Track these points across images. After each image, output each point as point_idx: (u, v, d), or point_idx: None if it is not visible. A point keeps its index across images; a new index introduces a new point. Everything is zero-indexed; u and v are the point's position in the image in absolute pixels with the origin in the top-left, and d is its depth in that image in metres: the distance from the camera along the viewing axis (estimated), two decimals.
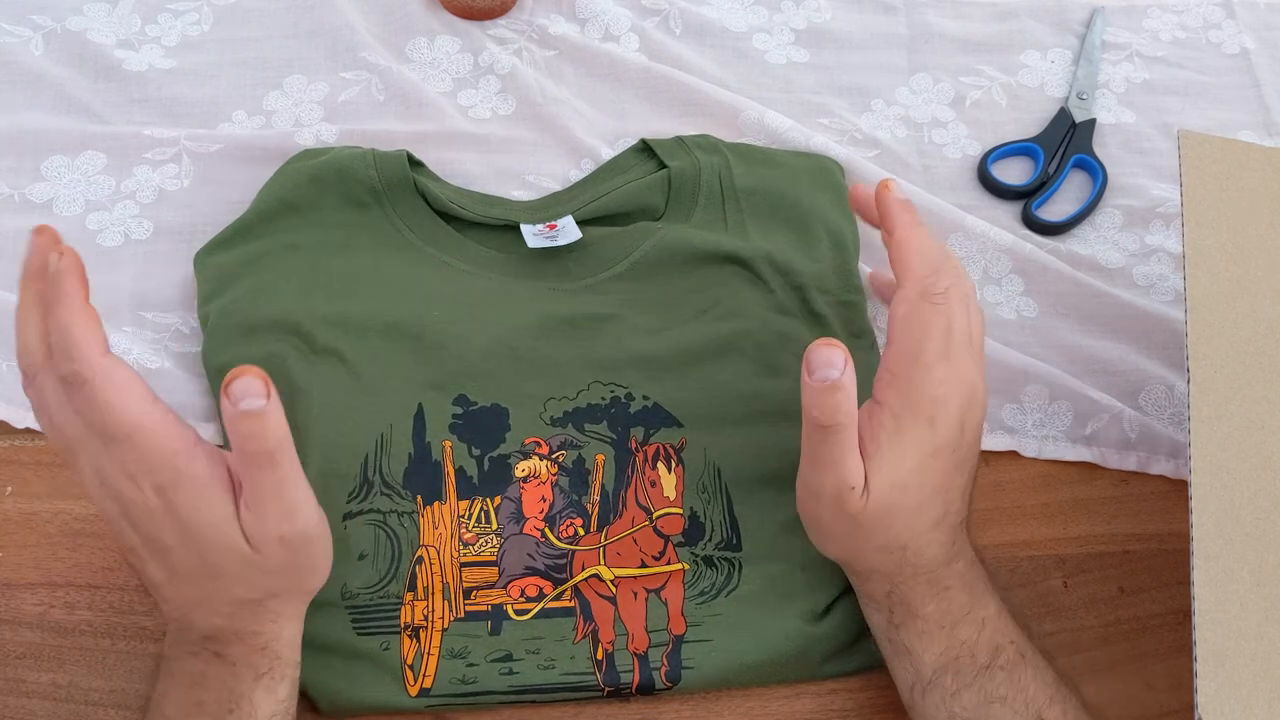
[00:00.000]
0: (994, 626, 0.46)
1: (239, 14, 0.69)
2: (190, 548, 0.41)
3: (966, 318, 0.47)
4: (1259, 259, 0.49)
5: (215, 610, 0.43)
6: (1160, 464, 0.59)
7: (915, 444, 0.45)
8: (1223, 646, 0.40)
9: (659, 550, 0.53)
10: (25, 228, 0.61)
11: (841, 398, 0.43)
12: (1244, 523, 0.43)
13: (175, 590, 0.43)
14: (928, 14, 0.73)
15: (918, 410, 0.45)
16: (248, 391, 0.39)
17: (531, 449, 0.55)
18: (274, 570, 0.43)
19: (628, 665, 0.50)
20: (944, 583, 0.47)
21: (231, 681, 0.43)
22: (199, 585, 0.43)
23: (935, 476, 0.46)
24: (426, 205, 0.60)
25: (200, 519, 0.41)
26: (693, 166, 0.62)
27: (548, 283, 0.59)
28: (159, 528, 0.41)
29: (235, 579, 0.42)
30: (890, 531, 0.46)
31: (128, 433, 0.39)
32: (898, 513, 0.46)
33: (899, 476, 0.45)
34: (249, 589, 0.43)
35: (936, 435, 0.45)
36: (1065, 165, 0.67)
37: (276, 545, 0.42)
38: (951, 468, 0.46)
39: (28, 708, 0.49)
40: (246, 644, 0.44)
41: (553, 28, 0.70)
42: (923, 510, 0.46)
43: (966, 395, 0.46)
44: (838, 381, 0.42)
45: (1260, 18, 0.75)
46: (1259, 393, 0.46)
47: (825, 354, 0.43)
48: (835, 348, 0.43)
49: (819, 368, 0.43)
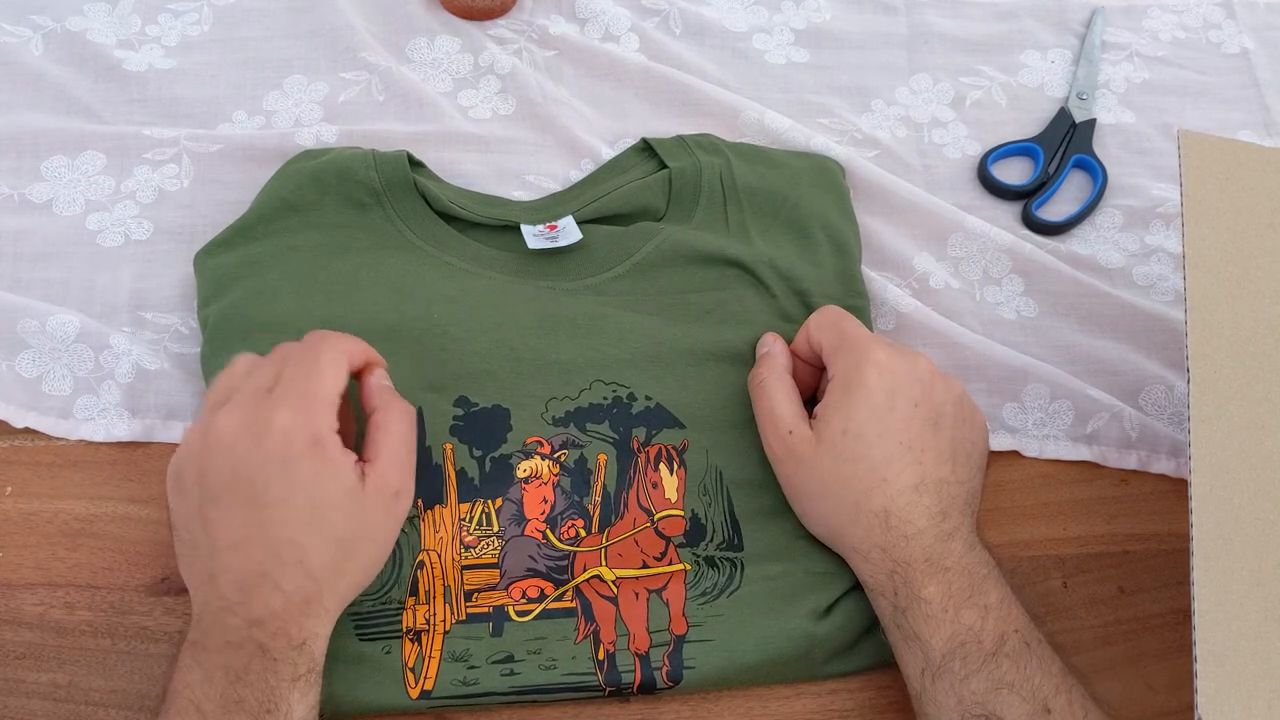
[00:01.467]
0: (998, 614, 0.47)
1: (239, 14, 0.69)
2: (299, 498, 0.45)
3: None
4: (1259, 259, 0.49)
5: (279, 586, 0.44)
6: (1160, 463, 0.59)
7: (863, 393, 0.50)
8: (1223, 646, 0.40)
9: (660, 551, 0.53)
10: (25, 228, 0.61)
11: (767, 358, 0.54)
12: (1244, 523, 0.43)
13: (244, 556, 0.44)
14: (928, 14, 0.73)
15: (861, 363, 0.50)
16: (380, 376, 0.51)
17: (533, 449, 0.55)
18: (359, 537, 0.46)
19: (629, 665, 0.50)
20: (942, 563, 0.48)
21: (273, 680, 0.43)
22: (277, 549, 0.44)
23: (898, 428, 0.49)
24: (427, 206, 0.60)
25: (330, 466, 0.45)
26: (694, 167, 0.62)
27: (548, 282, 0.59)
28: (278, 477, 0.45)
29: (321, 542, 0.45)
30: (860, 484, 0.49)
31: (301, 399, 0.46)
32: (859, 463, 0.49)
33: (850, 424, 0.49)
34: (322, 561, 0.45)
35: (886, 382, 0.50)
36: (1065, 165, 0.67)
37: (391, 497, 0.47)
38: (920, 425, 0.50)
39: (27, 708, 0.50)
40: (290, 637, 0.44)
41: (553, 28, 0.69)
42: (891, 463, 0.49)
43: (917, 363, 0.51)
44: (767, 351, 0.55)
45: (1260, 18, 0.75)
46: (1259, 392, 0.46)
47: (763, 338, 0.56)
48: (770, 334, 0.56)
49: (758, 349, 0.56)
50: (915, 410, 0.50)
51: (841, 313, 0.54)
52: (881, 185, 0.64)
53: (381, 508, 0.47)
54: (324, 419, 0.46)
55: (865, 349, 0.51)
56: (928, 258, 0.63)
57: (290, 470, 0.45)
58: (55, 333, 0.57)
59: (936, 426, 0.50)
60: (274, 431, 0.45)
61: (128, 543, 0.53)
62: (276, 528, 0.45)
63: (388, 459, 0.48)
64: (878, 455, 0.49)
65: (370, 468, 0.47)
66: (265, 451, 0.45)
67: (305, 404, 0.46)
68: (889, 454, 0.49)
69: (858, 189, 0.65)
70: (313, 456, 0.45)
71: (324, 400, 0.46)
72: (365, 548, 0.47)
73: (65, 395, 0.56)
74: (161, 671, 0.50)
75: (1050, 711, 0.44)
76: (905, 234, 0.64)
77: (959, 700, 0.45)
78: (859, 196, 0.64)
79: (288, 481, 0.45)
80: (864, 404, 0.50)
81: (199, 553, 0.46)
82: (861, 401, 0.50)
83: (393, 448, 0.48)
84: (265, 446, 0.45)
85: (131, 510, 0.54)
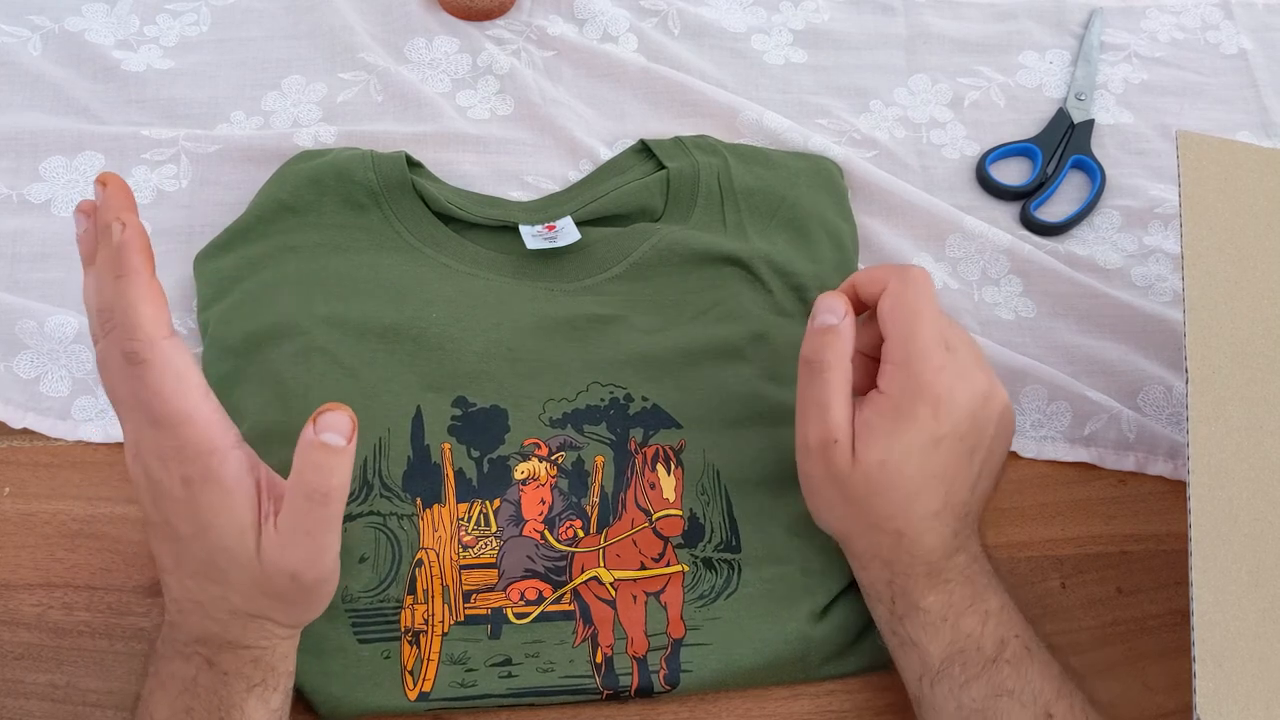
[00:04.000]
0: (998, 619, 0.46)
1: (237, 15, 0.69)
2: (200, 545, 0.41)
3: (950, 323, 0.48)
4: (1257, 259, 0.49)
5: (210, 615, 0.43)
6: (1158, 464, 0.59)
7: (914, 429, 0.45)
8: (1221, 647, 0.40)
9: (658, 552, 0.53)
10: (23, 228, 0.61)
11: (833, 339, 0.46)
12: (1242, 523, 0.43)
13: (178, 580, 0.43)
14: (926, 15, 0.73)
15: (918, 395, 0.45)
16: (334, 426, 0.39)
17: (531, 450, 0.55)
18: (274, 595, 0.42)
19: (626, 669, 0.50)
20: (943, 575, 0.47)
21: (223, 691, 0.43)
22: (201, 584, 0.42)
23: (937, 464, 0.46)
24: (425, 207, 0.60)
25: (217, 522, 0.40)
26: (691, 167, 0.62)
27: (546, 283, 0.59)
28: (177, 516, 0.41)
29: (235, 589, 0.42)
30: (883, 510, 0.46)
31: (171, 420, 0.39)
32: (889, 494, 0.46)
33: (890, 457, 0.45)
34: (246, 603, 0.42)
35: (940, 424, 0.45)
36: (1063, 166, 0.67)
37: (287, 578, 0.41)
38: (959, 457, 0.46)
39: (26, 709, 0.49)
40: (239, 655, 0.43)
41: (551, 28, 0.69)
42: (920, 496, 0.46)
43: (975, 388, 0.46)
44: (835, 327, 0.46)
45: (1258, 18, 0.75)
46: (1257, 393, 0.46)
47: (828, 301, 0.46)
48: (839, 298, 0.46)
49: (820, 313, 0.46)
50: (959, 444, 0.46)
51: (914, 311, 0.46)
52: (880, 186, 0.64)
53: (278, 580, 0.41)
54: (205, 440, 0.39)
55: (926, 379, 0.45)
56: (926, 258, 0.63)
57: (191, 505, 0.40)
58: (54, 333, 0.57)
59: (972, 454, 0.47)
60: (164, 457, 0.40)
61: (126, 544, 0.53)
62: (193, 565, 0.42)
63: (286, 534, 0.40)
64: (910, 487, 0.46)
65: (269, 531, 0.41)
66: (162, 477, 0.40)
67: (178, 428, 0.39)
68: (921, 486, 0.46)
69: (856, 189, 0.65)
70: (206, 489, 0.40)
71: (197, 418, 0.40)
72: (288, 599, 0.42)
73: (64, 396, 0.56)
74: None
75: (1051, 717, 0.44)
76: (904, 234, 0.64)
77: (959, 706, 0.45)
78: (857, 197, 0.65)
79: (191, 518, 0.40)
80: (909, 441, 0.45)
81: (156, 559, 0.44)
82: (909, 438, 0.45)
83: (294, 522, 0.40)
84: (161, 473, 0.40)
85: (130, 511, 0.54)
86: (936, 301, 0.47)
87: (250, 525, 0.40)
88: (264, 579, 0.41)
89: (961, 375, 0.46)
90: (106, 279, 0.39)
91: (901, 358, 0.46)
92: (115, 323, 0.39)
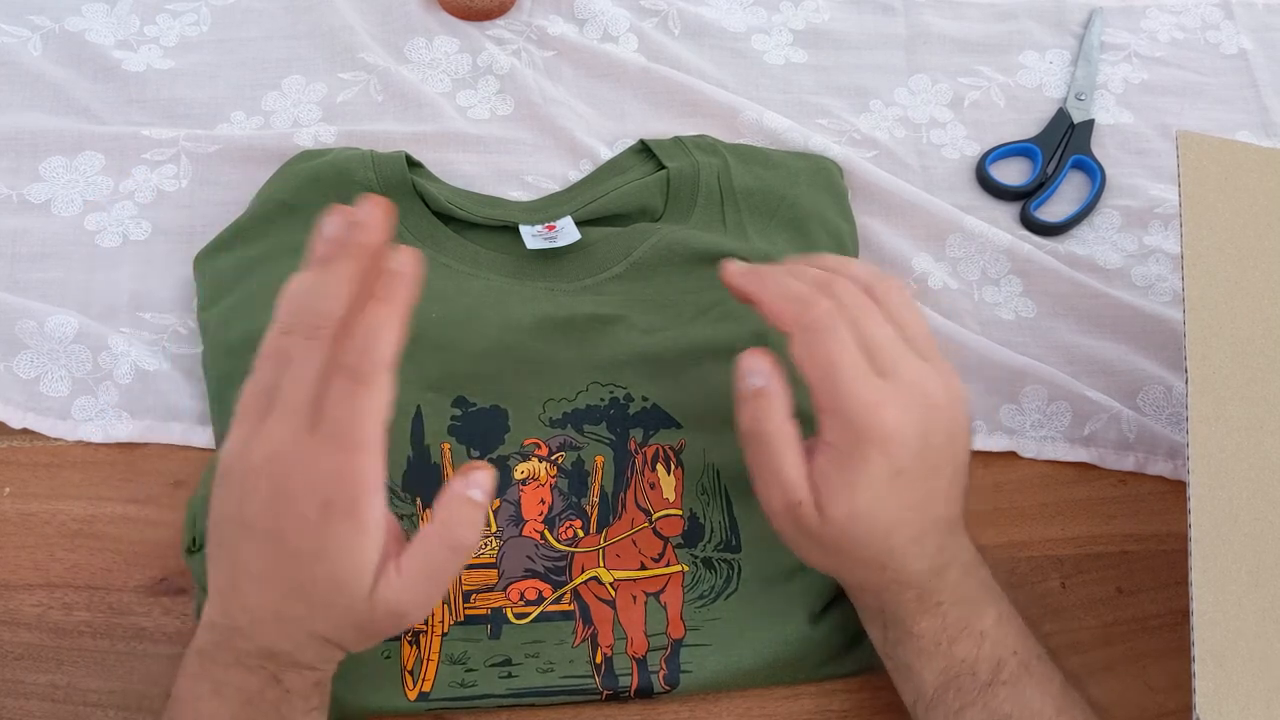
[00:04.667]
0: (994, 639, 0.46)
1: (237, 15, 0.69)
2: (313, 569, 0.39)
3: (881, 325, 0.44)
4: (1257, 259, 0.49)
5: (287, 633, 0.41)
6: (1158, 464, 0.59)
7: (867, 475, 0.43)
8: (1221, 647, 0.40)
9: (658, 552, 0.53)
10: (23, 228, 0.61)
11: (765, 404, 0.44)
12: (1242, 523, 0.43)
13: (261, 591, 0.40)
14: (926, 14, 0.73)
15: (862, 441, 0.42)
16: (481, 484, 0.42)
17: (530, 450, 0.55)
18: (362, 628, 0.41)
19: (626, 669, 0.50)
20: (935, 598, 0.46)
21: (285, 709, 0.42)
22: (290, 602, 0.40)
23: (905, 497, 0.43)
24: (425, 207, 0.60)
25: (342, 554, 0.39)
26: (691, 167, 0.62)
27: (546, 283, 0.59)
28: (301, 535, 0.39)
29: (326, 617, 0.41)
30: (863, 554, 0.45)
31: (349, 444, 0.38)
32: (867, 539, 0.44)
33: (856, 508, 0.43)
34: (330, 630, 0.41)
35: (894, 459, 0.42)
36: (1064, 166, 0.67)
37: (394, 618, 0.41)
38: (924, 479, 0.44)
39: (26, 709, 0.49)
40: (304, 676, 0.42)
41: (551, 28, 0.69)
42: (897, 529, 0.44)
43: (919, 405, 0.43)
44: (762, 389, 0.44)
45: (1258, 18, 0.75)
46: (1257, 393, 0.46)
47: (751, 362, 0.45)
48: (761, 356, 0.45)
49: (746, 376, 0.45)
50: (920, 467, 0.43)
51: (827, 360, 0.43)
52: (880, 185, 0.64)
53: (383, 619, 0.41)
54: (369, 475, 0.39)
55: (865, 422, 0.42)
56: (926, 258, 0.63)
57: (322, 530, 0.39)
58: (53, 333, 0.57)
59: (937, 473, 0.44)
60: (315, 474, 0.39)
61: (126, 543, 0.53)
62: (289, 581, 0.40)
63: (410, 579, 0.41)
64: (884, 527, 0.44)
65: (391, 572, 0.41)
66: (301, 491, 0.39)
67: (350, 454, 0.39)
68: (895, 521, 0.44)
69: (856, 189, 0.65)
70: (346, 522, 0.39)
71: (372, 450, 0.39)
72: (384, 625, 0.42)
73: (63, 396, 0.56)
74: (160, 672, 0.50)
75: None
76: (904, 234, 0.64)
77: None
78: (857, 197, 0.65)
79: (315, 541, 0.39)
80: (870, 486, 0.43)
81: (222, 568, 0.42)
82: (868, 483, 0.43)
83: (423, 568, 0.41)
84: (302, 486, 0.39)
85: (130, 511, 0.54)
86: (847, 331, 0.43)
87: (372, 566, 0.40)
88: (367, 615, 0.40)
89: (902, 400, 0.43)
90: (355, 291, 0.39)
91: (832, 406, 0.43)
92: (352, 337, 0.39)
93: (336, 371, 0.39)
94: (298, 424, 0.39)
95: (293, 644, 0.41)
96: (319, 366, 0.39)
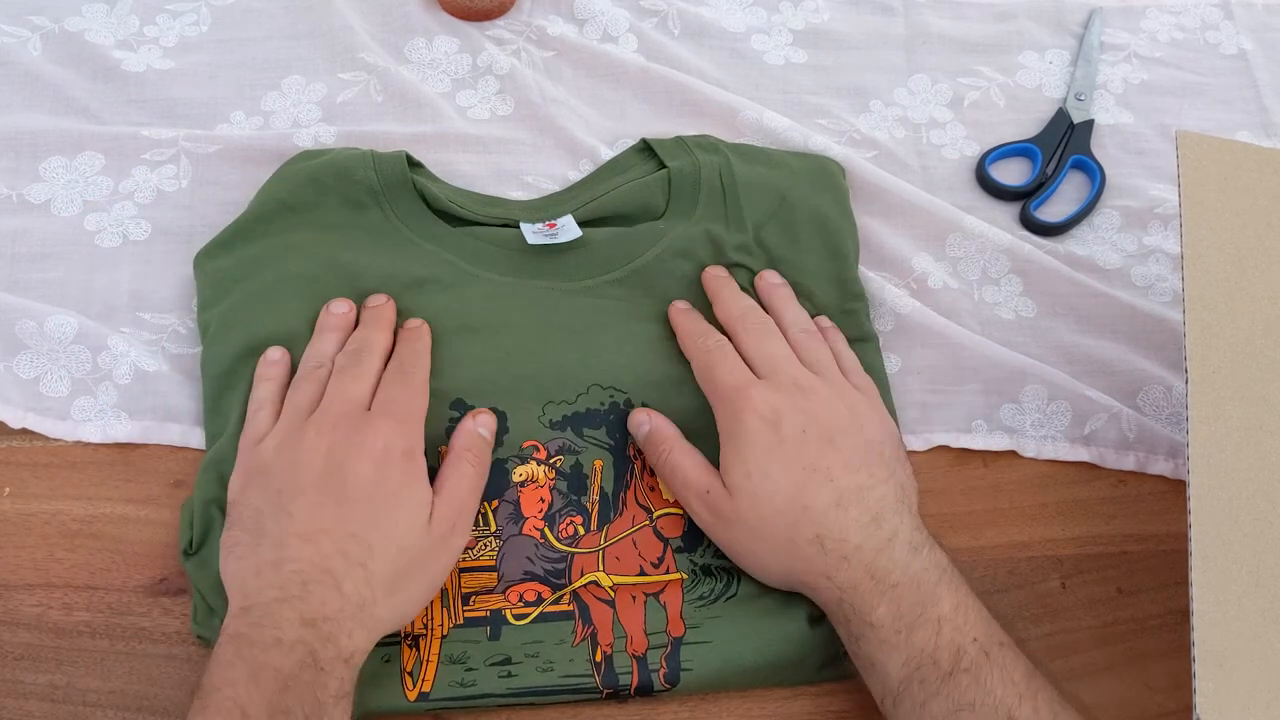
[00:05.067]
0: (953, 625, 0.46)
1: (237, 15, 0.69)
2: (386, 507, 0.47)
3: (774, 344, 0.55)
4: (1257, 259, 0.49)
5: (339, 586, 0.45)
6: (1158, 464, 0.59)
7: (748, 438, 0.50)
8: (1221, 647, 0.40)
9: (658, 556, 0.53)
10: (23, 228, 0.61)
11: (657, 436, 0.53)
12: (1242, 523, 0.43)
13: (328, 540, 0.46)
14: (926, 15, 0.73)
15: (737, 413, 0.51)
16: (486, 424, 0.53)
17: (529, 453, 0.54)
18: (423, 553, 0.48)
19: (626, 667, 0.50)
20: (889, 579, 0.47)
21: (320, 694, 0.43)
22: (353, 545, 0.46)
23: (795, 456, 0.50)
24: (425, 205, 0.60)
25: (410, 489, 0.48)
26: (693, 165, 0.62)
27: (546, 281, 0.59)
28: (357, 485, 0.47)
29: (388, 547, 0.46)
30: (784, 520, 0.49)
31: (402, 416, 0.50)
32: (774, 499, 0.49)
33: (751, 466, 0.50)
34: (385, 575, 0.46)
35: (767, 421, 0.51)
36: (1063, 166, 0.67)
37: (441, 539, 0.49)
38: (818, 444, 0.50)
39: (25, 709, 0.49)
40: (340, 647, 0.44)
41: (551, 28, 0.69)
42: (804, 488, 0.49)
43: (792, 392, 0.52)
44: (650, 429, 0.54)
45: (1258, 19, 0.75)
46: (1257, 393, 0.46)
47: (635, 417, 0.55)
48: (640, 411, 0.55)
49: (635, 428, 0.54)
50: (805, 434, 0.50)
51: (708, 356, 0.54)
52: (880, 185, 0.64)
53: (438, 537, 0.49)
54: (419, 436, 0.50)
55: (738, 398, 0.51)
56: (926, 258, 0.63)
57: (381, 472, 0.48)
58: (53, 334, 0.57)
59: (833, 443, 0.50)
60: (375, 441, 0.48)
61: (126, 543, 0.53)
62: (353, 522, 0.46)
63: (448, 496, 0.50)
64: (789, 485, 0.49)
65: (434, 499, 0.49)
66: (362, 456, 0.48)
67: (405, 422, 0.50)
68: (798, 481, 0.49)
69: (856, 189, 0.65)
70: (404, 465, 0.48)
71: (420, 420, 0.51)
72: (419, 571, 0.48)
73: (63, 396, 0.56)
74: (160, 672, 0.50)
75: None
76: (904, 234, 0.64)
77: None
78: (857, 197, 0.64)
79: (376, 481, 0.47)
80: (751, 446, 0.50)
81: (264, 541, 0.46)
82: (748, 445, 0.50)
83: (456, 487, 0.50)
84: (363, 453, 0.48)
85: (130, 511, 0.54)
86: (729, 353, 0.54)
87: (428, 499, 0.49)
88: (426, 540, 0.48)
89: (772, 386, 0.52)
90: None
91: (714, 397, 0.53)
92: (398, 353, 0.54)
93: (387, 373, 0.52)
94: (357, 417, 0.49)
95: (339, 598, 0.45)
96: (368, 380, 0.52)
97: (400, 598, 0.47)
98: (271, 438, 0.50)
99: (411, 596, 0.48)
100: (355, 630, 0.45)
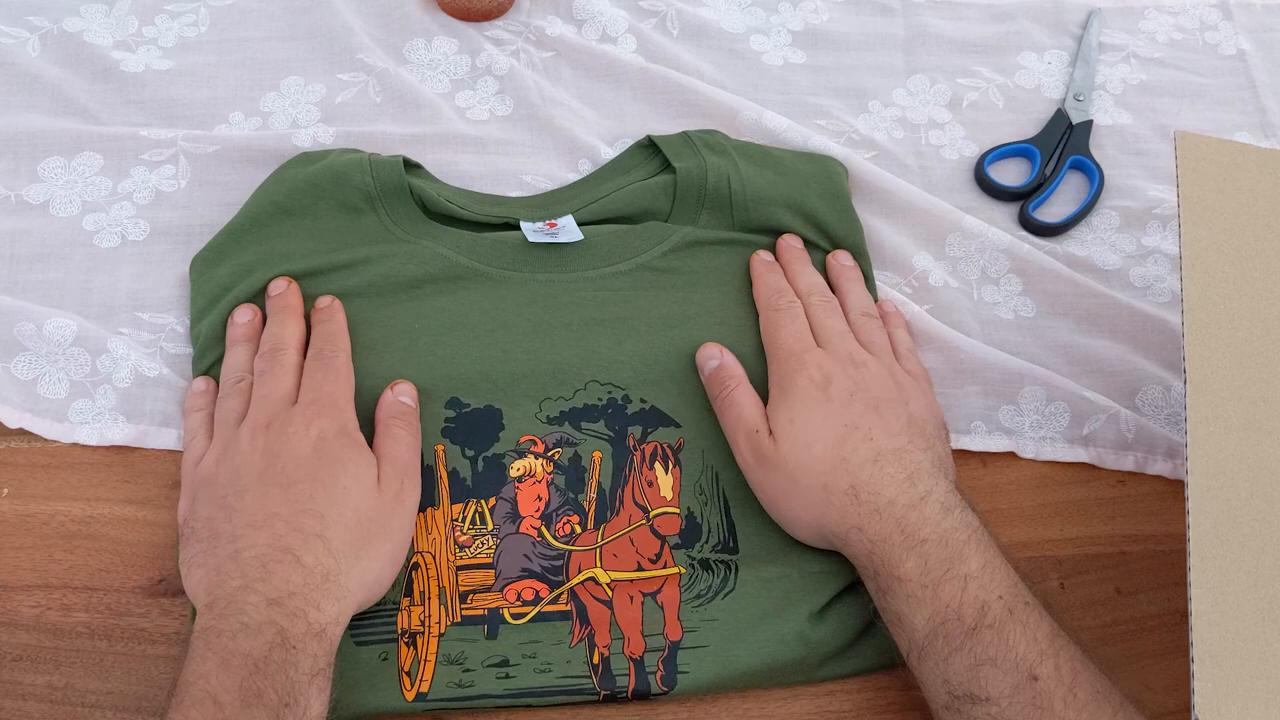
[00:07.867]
0: (979, 582, 0.47)
1: (236, 15, 0.69)
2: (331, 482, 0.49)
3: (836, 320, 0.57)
4: (1256, 260, 0.49)
5: (301, 561, 0.46)
6: (1157, 464, 0.59)
7: (797, 391, 0.53)
8: (1220, 647, 0.40)
9: (655, 552, 0.53)
10: (22, 229, 0.61)
11: (723, 373, 0.55)
12: (1241, 523, 0.43)
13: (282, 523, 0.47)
14: (924, 15, 0.73)
15: (790, 371, 0.54)
16: (406, 392, 0.54)
17: (527, 448, 0.55)
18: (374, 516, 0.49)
19: (623, 670, 0.50)
20: (919, 534, 0.48)
21: (292, 673, 0.43)
22: (310, 520, 0.47)
23: (840, 413, 0.52)
24: (422, 210, 0.60)
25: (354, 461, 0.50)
26: (699, 169, 0.62)
27: (547, 274, 0.58)
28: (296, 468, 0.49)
29: (340, 524, 0.48)
30: (820, 467, 0.50)
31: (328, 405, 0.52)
32: (813, 446, 0.51)
33: (796, 414, 0.52)
34: (344, 544, 0.47)
35: (815, 381, 0.53)
36: (1062, 167, 0.67)
37: (394, 498, 0.50)
38: (863, 407, 0.52)
39: (24, 710, 0.49)
40: (309, 621, 0.44)
41: (550, 29, 0.69)
42: (844, 441, 0.51)
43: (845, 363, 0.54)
44: (719, 364, 0.56)
45: (1257, 19, 0.75)
46: (1256, 393, 0.46)
47: (705, 351, 0.57)
48: (712, 345, 0.57)
49: (704, 361, 0.56)
50: (852, 398, 0.52)
51: (778, 315, 0.57)
52: (880, 185, 0.64)
53: (391, 496, 0.50)
54: (350, 415, 0.52)
55: (795, 360, 0.54)
56: (926, 257, 0.63)
57: (319, 451, 0.49)
58: (52, 336, 0.57)
59: (878, 409, 0.52)
60: (308, 429, 0.50)
61: (124, 544, 0.53)
62: (302, 500, 0.48)
63: (389, 458, 0.51)
64: (829, 436, 0.51)
65: (379, 463, 0.51)
66: (297, 443, 0.50)
67: (333, 405, 0.52)
68: (839, 434, 0.51)
69: (856, 189, 0.65)
70: (340, 440, 0.50)
71: (348, 400, 0.53)
72: (379, 534, 0.49)
73: (61, 398, 0.56)
74: (159, 672, 0.50)
75: (1037, 679, 0.44)
76: (904, 233, 0.64)
77: (944, 681, 0.46)
78: (858, 197, 0.64)
79: (316, 459, 0.49)
80: (800, 399, 0.53)
81: (219, 541, 0.47)
82: (797, 398, 0.53)
83: (394, 449, 0.52)
84: (298, 440, 0.50)
85: (128, 512, 0.54)
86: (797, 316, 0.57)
87: (373, 464, 0.51)
88: (378, 502, 0.49)
89: (827, 354, 0.55)
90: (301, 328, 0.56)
91: (772, 354, 0.56)
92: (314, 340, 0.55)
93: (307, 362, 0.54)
94: (284, 415, 0.51)
95: (302, 573, 0.46)
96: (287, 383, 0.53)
97: (365, 564, 0.48)
98: (210, 453, 0.51)
99: (378, 562, 0.49)
100: (323, 602, 0.45)
